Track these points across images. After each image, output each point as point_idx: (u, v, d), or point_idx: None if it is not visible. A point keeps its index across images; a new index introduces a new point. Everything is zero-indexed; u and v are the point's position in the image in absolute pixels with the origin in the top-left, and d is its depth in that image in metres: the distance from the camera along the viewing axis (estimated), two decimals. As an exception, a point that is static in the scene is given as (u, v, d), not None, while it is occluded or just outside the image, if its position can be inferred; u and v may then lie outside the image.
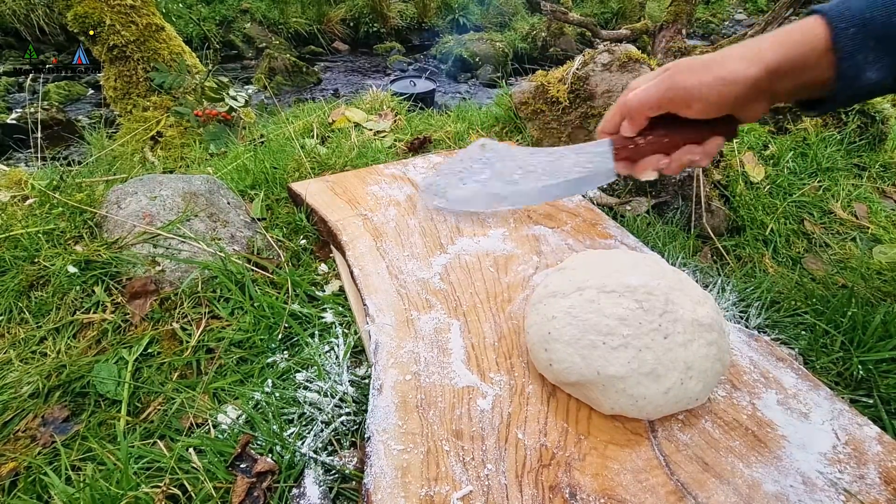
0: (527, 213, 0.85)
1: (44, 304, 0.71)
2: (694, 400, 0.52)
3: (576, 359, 0.51)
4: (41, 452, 0.57)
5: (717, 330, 0.53)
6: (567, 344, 0.52)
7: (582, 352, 0.51)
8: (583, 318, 0.52)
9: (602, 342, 0.51)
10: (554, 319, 0.54)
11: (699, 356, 0.51)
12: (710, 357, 0.52)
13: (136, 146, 2.21)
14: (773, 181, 1.13)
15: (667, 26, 2.81)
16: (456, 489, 0.46)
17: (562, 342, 0.52)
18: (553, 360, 0.53)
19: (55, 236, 0.80)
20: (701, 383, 0.51)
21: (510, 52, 5.43)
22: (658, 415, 0.52)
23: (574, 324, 0.53)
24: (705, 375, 0.51)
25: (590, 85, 1.08)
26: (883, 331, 0.69)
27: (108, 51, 2.29)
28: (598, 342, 0.51)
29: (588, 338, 0.52)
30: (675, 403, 0.51)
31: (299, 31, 5.74)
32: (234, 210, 0.89)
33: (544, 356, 0.54)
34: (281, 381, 0.63)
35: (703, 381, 0.51)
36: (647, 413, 0.51)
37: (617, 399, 0.51)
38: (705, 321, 0.53)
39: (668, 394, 0.50)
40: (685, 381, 0.51)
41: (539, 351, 0.55)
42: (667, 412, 0.52)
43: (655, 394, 0.50)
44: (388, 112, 1.40)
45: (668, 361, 0.50)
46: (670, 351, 0.51)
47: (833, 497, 0.47)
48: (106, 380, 0.63)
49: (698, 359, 0.51)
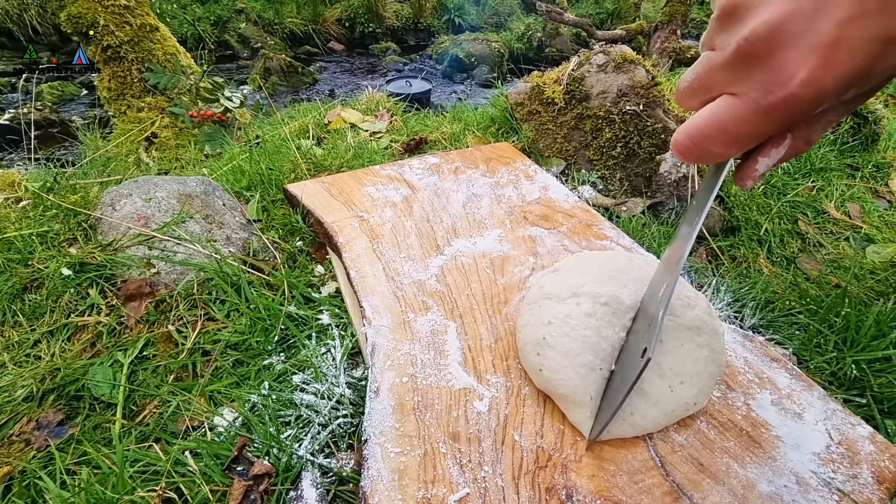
0: (523, 214, 0.86)
1: (38, 307, 0.71)
2: (692, 405, 0.52)
3: (571, 374, 0.51)
4: (36, 456, 0.57)
5: (707, 332, 0.53)
6: (563, 356, 0.52)
7: (579, 370, 0.51)
8: (581, 332, 0.52)
9: (599, 367, 0.51)
10: (550, 325, 0.54)
11: (689, 360, 0.51)
12: (702, 360, 0.52)
13: (131, 147, 2.20)
14: (768, 181, 1.14)
15: (662, 27, 2.83)
16: (453, 491, 0.46)
17: (557, 351, 0.52)
18: (544, 367, 0.53)
19: (49, 238, 0.79)
20: (695, 388, 0.51)
21: (506, 53, 5.43)
22: (656, 427, 0.51)
23: (572, 336, 0.52)
24: (699, 379, 0.51)
25: (585, 86, 1.08)
26: (876, 330, 0.69)
27: (102, 51, 2.28)
28: (595, 365, 0.51)
29: (586, 357, 0.51)
30: (671, 412, 0.51)
31: (295, 31, 5.72)
32: (230, 212, 0.89)
33: (535, 360, 0.54)
34: (277, 384, 0.63)
35: (697, 384, 0.51)
36: (643, 429, 0.51)
37: (603, 423, 0.49)
38: (694, 324, 0.52)
39: (658, 405, 0.50)
40: (675, 387, 0.51)
41: (531, 353, 0.55)
42: (665, 423, 0.51)
43: (644, 407, 0.50)
44: (384, 113, 1.40)
45: (651, 373, 0.50)
46: (652, 362, 0.49)
47: (826, 497, 0.48)
48: (101, 383, 0.63)
49: (688, 363, 0.51)
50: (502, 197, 0.90)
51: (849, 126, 1.30)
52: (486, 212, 0.86)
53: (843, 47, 0.26)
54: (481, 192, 0.91)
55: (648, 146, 1.03)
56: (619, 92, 1.05)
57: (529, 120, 1.16)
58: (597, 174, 1.07)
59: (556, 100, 1.11)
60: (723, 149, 0.33)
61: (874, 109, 1.31)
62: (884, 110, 1.34)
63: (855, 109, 0.48)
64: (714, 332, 0.54)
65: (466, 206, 0.87)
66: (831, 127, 0.44)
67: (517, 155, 1.06)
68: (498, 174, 0.97)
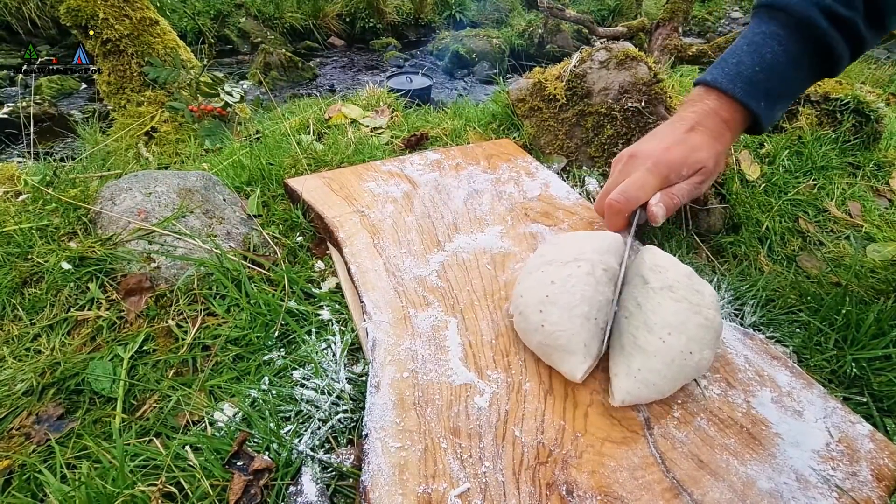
0: (524, 210, 0.85)
1: (37, 301, 0.71)
2: (688, 354, 0.53)
3: (568, 325, 0.55)
4: (36, 451, 0.57)
5: (682, 289, 0.57)
6: (563, 308, 0.55)
7: (575, 320, 0.55)
8: (581, 288, 0.57)
9: (594, 317, 0.56)
10: (553, 285, 0.58)
11: (669, 313, 0.55)
12: (682, 311, 0.55)
13: (131, 142, 2.19)
14: (769, 179, 1.14)
15: (663, 24, 2.82)
16: (453, 486, 0.46)
17: (558, 306, 0.56)
18: (546, 322, 0.55)
19: (48, 233, 0.79)
20: (683, 336, 0.53)
21: (507, 49, 5.42)
22: (669, 385, 0.53)
23: (572, 291, 0.57)
24: (685, 328, 0.54)
25: (587, 82, 1.08)
26: (876, 329, 0.69)
27: (101, 45, 2.27)
28: (591, 315, 0.56)
29: (583, 308, 0.56)
30: (671, 362, 0.53)
31: (295, 26, 5.70)
32: (230, 207, 0.89)
33: (537, 318, 0.56)
34: (278, 379, 0.63)
35: (685, 333, 0.53)
36: (655, 386, 0.52)
37: (619, 385, 0.53)
38: (666, 284, 0.57)
39: (657, 355, 0.53)
40: (664, 338, 0.53)
41: (533, 313, 0.57)
42: (673, 378, 0.53)
43: (645, 360, 0.53)
44: (384, 108, 1.39)
45: (642, 330, 0.55)
46: (640, 320, 0.56)
47: (826, 494, 0.48)
48: (101, 377, 0.63)
49: (668, 315, 0.55)
50: (503, 193, 0.90)
51: (850, 125, 1.30)
52: (487, 208, 0.86)
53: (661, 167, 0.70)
54: (482, 189, 0.91)
55: (650, 143, 1.03)
56: (621, 89, 1.05)
57: (531, 116, 1.16)
58: (598, 171, 1.07)
59: (557, 96, 1.11)
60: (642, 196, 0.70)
61: (876, 108, 1.31)
62: (885, 109, 1.33)
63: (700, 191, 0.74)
64: (690, 289, 0.57)
65: (467, 203, 0.87)
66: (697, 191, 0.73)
67: (518, 152, 1.06)
68: (499, 171, 0.97)
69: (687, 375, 0.54)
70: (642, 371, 0.52)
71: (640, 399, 0.53)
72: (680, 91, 1.35)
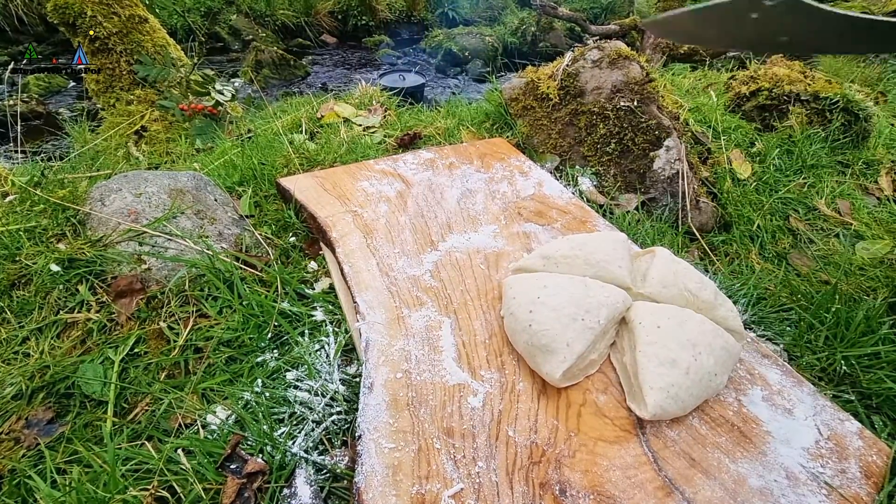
0: (518, 209, 0.85)
1: (26, 304, 0.70)
2: (713, 376, 0.55)
3: (555, 325, 0.56)
4: (25, 455, 0.56)
5: (705, 309, 0.62)
6: (551, 309, 0.57)
7: (562, 320, 0.56)
8: (570, 291, 0.59)
9: (581, 318, 0.57)
10: (545, 289, 0.59)
11: (697, 332, 0.58)
12: (708, 332, 0.57)
13: (120, 141, 2.17)
14: (760, 178, 1.15)
15: (656, 22, 2.82)
16: (447, 487, 0.46)
17: (548, 307, 0.57)
18: (534, 322, 0.57)
19: (37, 234, 0.78)
20: (712, 357, 0.55)
21: (500, 47, 5.41)
22: (693, 399, 0.53)
23: (562, 295, 0.58)
24: (712, 350, 0.56)
25: (580, 82, 1.08)
26: (865, 326, 0.70)
27: (89, 43, 2.24)
28: (578, 315, 0.57)
29: (570, 309, 0.57)
30: (699, 381, 0.54)
31: (286, 24, 5.66)
32: (222, 207, 0.88)
33: (526, 317, 0.58)
34: (271, 381, 0.62)
35: (713, 355, 0.56)
36: (682, 402, 0.52)
37: (654, 399, 0.52)
38: (693, 305, 0.62)
39: (688, 374, 0.54)
40: (697, 356, 0.55)
41: (523, 312, 0.58)
42: (697, 393, 0.53)
43: (678, 377, 0.53)
44: (377, 107, 1.39)
45: (677, 346, 0.56)
46: (675, 336, 0.57)
47: (815, 491, 0.49)
48: (91, 380, 0.62)
49: (696, 334, 0.57)
50: (497, 193, 0.90)
51: (840, 123, 1.31)
52: (481, 207, 0.86)
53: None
54: (476, 188, 0.91)
55: (642, 142, 1.03)
56: (614, 88, 1.05)
57: (524, 115, 1.16)
58: (591, 170, 1.07)
59: (550, 95, 1.11)
60: None
61: (864, 106, 1.32)
62: (874, 108, 1.35)
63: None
64: (711, 306, 0.61)
65: (461, 202, 0.87)
66: None
67: (511, 151, 1.06)
68: (492, 170, 0.97)
69: (707, 396, 0.55)
70: (674, 387, 0.52)
71: (667, 414, 0.52)
72: (672, 90, 1.35)
